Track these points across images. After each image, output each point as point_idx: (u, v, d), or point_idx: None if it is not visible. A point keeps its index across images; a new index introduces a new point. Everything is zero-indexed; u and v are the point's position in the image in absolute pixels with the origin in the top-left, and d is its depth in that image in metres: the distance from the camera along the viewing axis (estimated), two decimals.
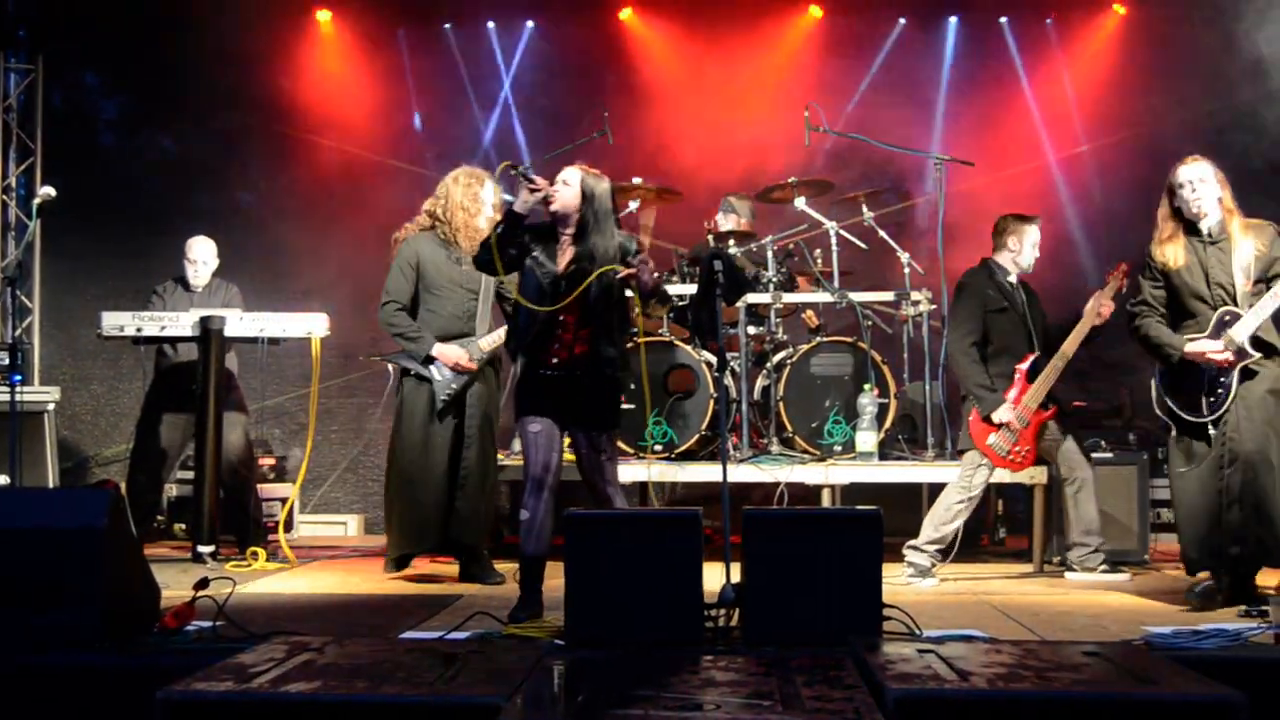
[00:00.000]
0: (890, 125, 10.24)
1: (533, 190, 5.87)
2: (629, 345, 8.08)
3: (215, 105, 11.27)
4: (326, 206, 11.07)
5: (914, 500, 8.73)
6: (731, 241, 8.80)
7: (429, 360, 7.24)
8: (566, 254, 5.98)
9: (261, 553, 7.94)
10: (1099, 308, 7.37)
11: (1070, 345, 7.37)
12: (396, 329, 7.30)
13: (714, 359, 8.07)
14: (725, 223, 9.14)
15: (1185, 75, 10.58)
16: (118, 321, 7.92)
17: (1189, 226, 6.38)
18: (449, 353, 7.23)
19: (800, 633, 4.87)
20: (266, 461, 10.02)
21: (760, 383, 8.60)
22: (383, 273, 7.45)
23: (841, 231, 8.75)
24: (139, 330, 7.94)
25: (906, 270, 8.65)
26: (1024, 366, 7.46)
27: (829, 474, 7.88)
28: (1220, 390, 6.19)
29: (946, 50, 11.56)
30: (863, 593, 5.00)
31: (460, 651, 4.42)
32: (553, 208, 5.95)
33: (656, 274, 6.05)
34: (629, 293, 6.12)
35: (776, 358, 8.53)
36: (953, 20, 11.58)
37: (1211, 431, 6.22)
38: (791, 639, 4.79)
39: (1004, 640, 5.00)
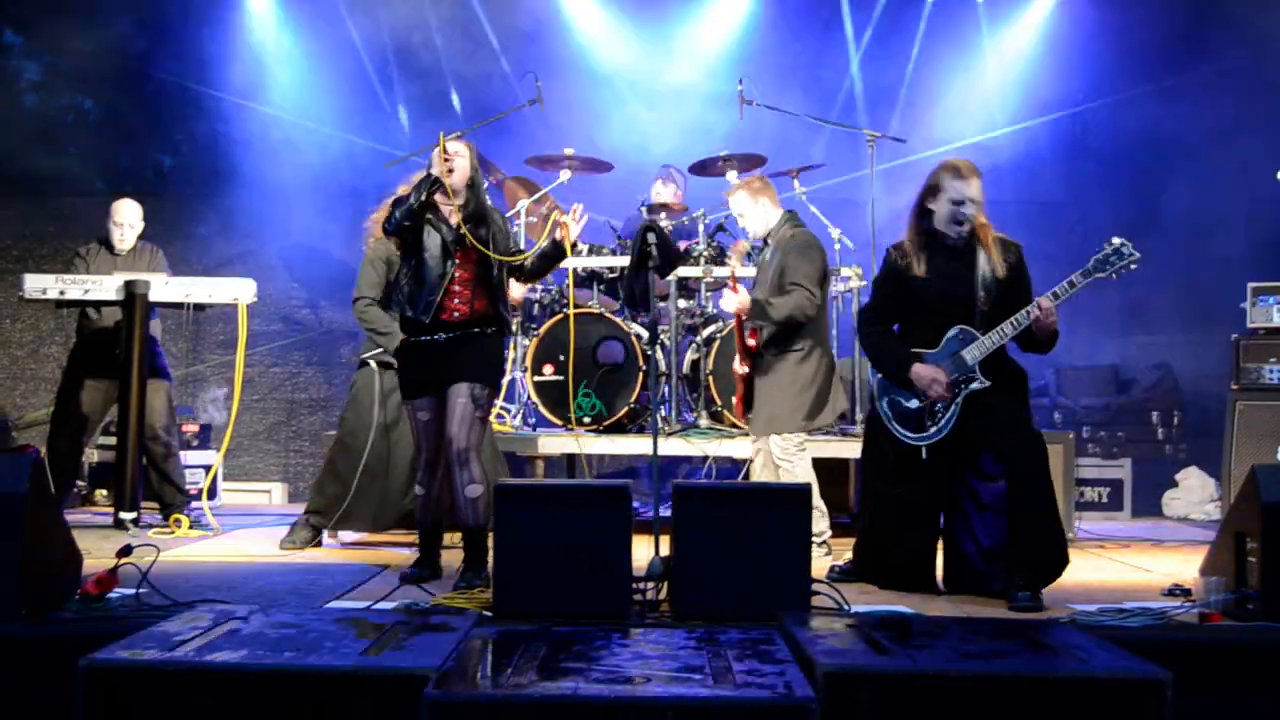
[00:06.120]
0: (823, 99, 10.27)
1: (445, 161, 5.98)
2: (558, 318, 8.10)
3: (138, 66, 11.09)
4: (250, 171, 10.92)
5: (843, 476, 8.76)
6: (663, 214, 8.78)
7: None
8: (454, 217, 6.04)
9: (184, 520, 7.85)
10: None
11: None
12: (369, 324, 7.21)
13: (644, 331, 8.06)
14: (664, 190, 9.11)
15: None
16: (40, 284, 7.78)
17: (935, 233, 5.93)
18: None
19: (728, 607, 4.90)
20: (190, 428, 9.90)
21: (689, 356, 8.59)
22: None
23: None
24: (62, 293, 7.80)
25: (838, 246, 8.66)
26: None
27: None
28: (939, 413, 5.80)
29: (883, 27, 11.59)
30: (791, 568, 5.04)
31: (388, 622, 4.41)
32: (453, 179, 5.99)
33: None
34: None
35: (706, 331, 8.53)
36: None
37: (924, 455, 5.86)
38: (719, 613, 4.82)
39: (931, 617, 5.04)
